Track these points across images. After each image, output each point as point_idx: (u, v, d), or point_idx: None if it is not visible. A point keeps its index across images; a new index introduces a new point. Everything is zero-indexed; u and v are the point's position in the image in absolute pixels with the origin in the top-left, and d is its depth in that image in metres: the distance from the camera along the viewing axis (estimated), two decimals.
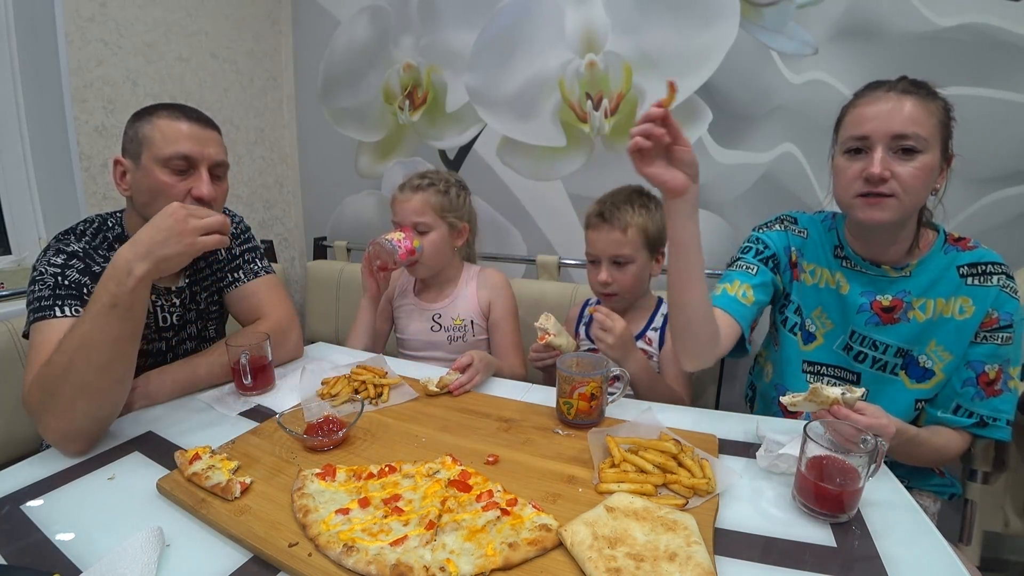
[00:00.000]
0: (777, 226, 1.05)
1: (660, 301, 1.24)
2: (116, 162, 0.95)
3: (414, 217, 1.23)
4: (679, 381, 1.14)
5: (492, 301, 1.31)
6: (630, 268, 1.13)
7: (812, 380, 1.01)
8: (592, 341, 1.25)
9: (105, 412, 0.79)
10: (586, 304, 1.33)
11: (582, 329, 1.30)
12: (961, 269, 0.89)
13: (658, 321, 1.20)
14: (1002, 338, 0.87)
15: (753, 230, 1.07)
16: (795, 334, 1.02)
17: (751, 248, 1.05)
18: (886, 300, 0.93)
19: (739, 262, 1.05)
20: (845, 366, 0.99)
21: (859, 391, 0.73)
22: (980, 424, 0.89)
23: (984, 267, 0.88)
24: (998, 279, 0.87)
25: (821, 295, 0.99)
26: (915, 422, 0.95)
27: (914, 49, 1.33)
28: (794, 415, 0.96)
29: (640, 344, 1.19)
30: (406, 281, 1.39)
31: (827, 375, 1.00)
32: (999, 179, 1.33)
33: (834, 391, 0.73)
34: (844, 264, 0.97)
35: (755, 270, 1.02)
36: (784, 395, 0.79)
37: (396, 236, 1.19)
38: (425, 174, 1.27)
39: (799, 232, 1.03)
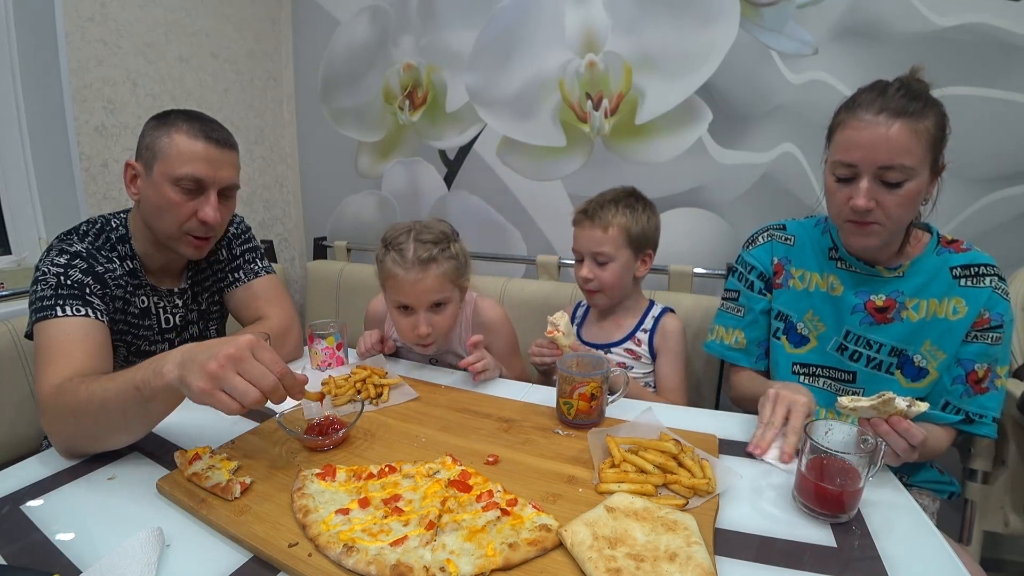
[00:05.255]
0: (762, 239, 1.08)
1: (651, 304, 1.25)
2: (128, 165, 0.94)
3: (433, 297, 1.04)
4: (676, 395, 1.17)
5: (489, 344, 1.15)
6: (610, 266, 1.14)
7: (805, 381, 1.02)
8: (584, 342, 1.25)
9: (98, 451, 0.77)
10: (578, 305, 1.33)
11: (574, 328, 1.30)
12: (954, 270, 0.90)
13: (648, 323, 1.20)
14: (992, 338, 0.89)
15: (742, 248, 1.10)
16: (779, 338, 1.05)
17: (741, 276, 1.08)
18: (880, 300, 0.94)
19: (728, 302, 1.10)
20: (839, 366, 0.99)
21: (924, 405, 0.71)
22: (967, 421, 0.90)
23: (977, 269, 0.90)
24: (990, 280, 0.89)
25: (812, 299, 1.01)
26: None
27: (914, 49, 1.33)
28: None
29: (629, 344, 1.20)
30: (391, 330, 1.24)
31: (821, 376, 1.01)
32: (999, 179, 1.33)
33: (901, 402, 0.71)
34: (839, 265, 0.98)
35: (743, 312, 1.08)
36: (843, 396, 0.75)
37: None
38: (421, 236, 1.05)
39: (785, 239, 1.05)
